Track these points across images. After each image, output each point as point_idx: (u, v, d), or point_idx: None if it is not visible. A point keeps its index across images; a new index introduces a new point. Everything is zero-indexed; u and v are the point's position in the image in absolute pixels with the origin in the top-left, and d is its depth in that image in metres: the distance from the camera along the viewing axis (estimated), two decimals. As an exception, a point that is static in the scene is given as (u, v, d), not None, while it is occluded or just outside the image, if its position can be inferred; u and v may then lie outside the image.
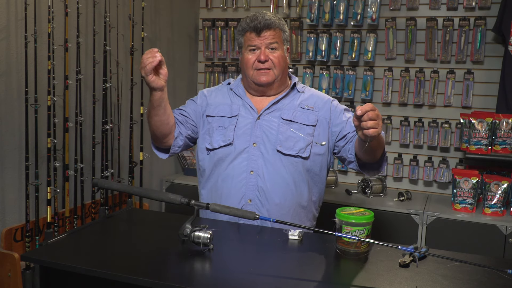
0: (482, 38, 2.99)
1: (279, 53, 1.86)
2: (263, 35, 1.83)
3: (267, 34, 1.83)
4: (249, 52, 1.86)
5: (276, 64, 1.85)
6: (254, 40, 1.84)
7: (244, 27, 1.87)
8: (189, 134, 1.95)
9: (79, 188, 2.51)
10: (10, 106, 2.25)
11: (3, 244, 2.21)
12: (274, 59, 1.84)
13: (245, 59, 1.87)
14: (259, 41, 1.84)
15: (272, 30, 1.84)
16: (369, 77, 3.21)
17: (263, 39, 1.83)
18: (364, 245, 1.45)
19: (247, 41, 1.86)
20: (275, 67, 1.85)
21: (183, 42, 3.53)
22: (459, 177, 2.78)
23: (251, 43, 1.85)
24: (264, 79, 1.85)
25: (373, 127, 1.50)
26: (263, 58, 1.83)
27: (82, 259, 1.39)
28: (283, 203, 1.82)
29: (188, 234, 1.39)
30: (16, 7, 2.23)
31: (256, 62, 1.84)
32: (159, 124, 1.85)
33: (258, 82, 1.86)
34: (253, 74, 1.86)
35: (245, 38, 1.87)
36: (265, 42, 1.83)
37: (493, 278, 1.29)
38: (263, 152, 1.82)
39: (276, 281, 1.26)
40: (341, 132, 1.88)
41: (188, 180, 3.30)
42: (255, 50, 1.85)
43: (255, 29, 1.83)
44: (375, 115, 1.50)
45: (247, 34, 1.86)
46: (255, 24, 1.83)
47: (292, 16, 3.40)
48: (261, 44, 1.84)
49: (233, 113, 1.89)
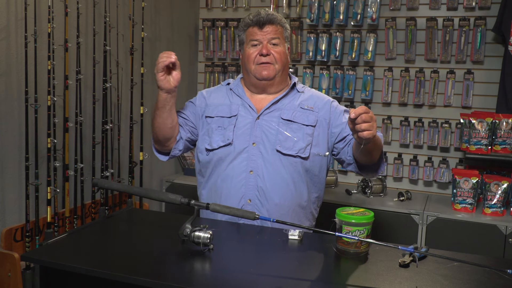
0: (482, 38, 2.99)
1: (281, 49, 1.87)
2: (265, 30, 1.85)
3: (269, 29, 1.86)
4: (251, 47, 1.87)
5: (278, 59, 1.86)
6: (256, 35, 1.86)
7: (247, 22, 1.89)
8: (188, 137, 1.95)
9: (79, 188, 2.51)
10: (10, 106, 2.25)
11: (3, 244, 2.21)
12: (276, 54, 1.85)
13: (246, 53, 1.88)
14: (261, 35, 1.85)
15: (275, 25, 1.87)
16: (369, 77, 3.22)
17: (265, 33, 1.85)
18: (364, 245, 1.44)
19: (249, 36, 1.88)
20: (276, 62, 1.86)
21: (183, 42, 3.53)
22: (459, 177, 2.78)
23: (254, 37, 1.86)
24: (266, 73, 1.86)
25: (368, 129, 1.51)
26: (265, 51, 1.84)
27: (82, 259, 1.39)
28: (283, 203, 1.82)
29: (188, 234, 1.39)
30: (16, 7, 2.23)
31: (258, 56, 1.85)
32: (162, 127, 1.86)
33: (259, 77, 1.87)
34: (254, 68, 1.87)
35: (247, 33, 1.89)
36: (267, 37, 1.85)
37: (493, 278, 1.29)
38: (263, 152, 1.82)
39: (276, 281, 1.26)
40: (341, 134, 1.88)
41: (188, 180, 3.30)
42: (257, 45, 1.86)
43: (257, 23, 1.86)
44: (369, 117, 1.51)
45: (250, 29, 1.88)
46: (258, 18, 1.86)
47: (292, 16, 3.40)
48: (263, 38, 1.85)
49: (232, 113, 1.89)
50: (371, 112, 1.53)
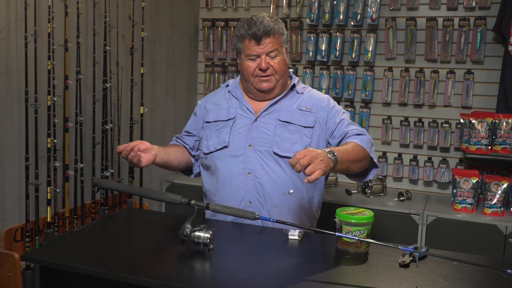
0: (482, 38, 2.99)
1: (280, 58, 1.83)
2: (262, 43, 1.79)
3: (266, 41, 1.79)
4: (249, 60, 1.83)
5: (278, 70, 1.83)
6: (254, 50, 1.80)
7: (242, 34, 1.82)
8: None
9: (79, 188, 2.51)
10: (10, 106, 2.25)
11: (3, 244, 2.21)
12: (275, 65, 1.82)
13: (245, 66, 1.85)
14: (259, 50, 1.80)
15: (272, 36, 1.80)
16: (369, 77, 3.22)
17: (263, 47, 1.80)
18: (364, 245, 1.45)
19: (247, 50, 1.82)
20: (276, 73, 1.84)
21: (183, 42, 3.53)
22: (459, 177, 2.78)
23: (251, 53, 1.81)
24: (266, 86, 1.84)
25: (313, 171, 1.46)
26: (264, 66, 1.80)
27: (82, 259, 1.39)
28: (283, 205, 1.81)
29: (188, 234, 1.39)
30: (16, 7, 2.23)
31: (257, 70, 1.82)
32: (176, 168, 1.96)
33: (260, 89, 1.86)
34: (254, 81, 1.85)
35: (243, 46, 1.84)
36: (265, 50, 1.80)
37: (493, 278, 1.29)
38: (260, 154, 1.81)
39: (275, 281, 1.26)
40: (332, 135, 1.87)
41: (188, 180, 3.27)
42: (255, 59, 1.82)
43: (254, 37, 1.79)
44: (307, 160, 1.46)
45: (246, 42, 1.82)
46: (254, 31, 1.78)
47: (292, 16, 3.40)
48: (262, 52, 1.80)
49: (230, 116, 1.89)
50: (308, 151, 1.48)
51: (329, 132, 1.88)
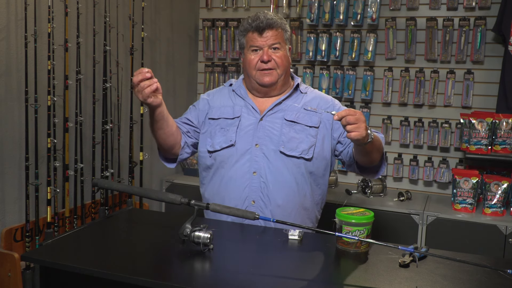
0: (482, 38, 2.99)
1: (282, 53, 1.85)
2: (265, 35, 1.82)
3: (269, 34, 1.82)
4: (251, 52, 1.85)
5: (279, 64, 1.84)
6: (256, 41, 1.83)
7: (246, 27, 1.86)
8: (194, 143, 1.96)
9: (79, 188, 2.51)
10: (10, 106, 2.25)
11: (3, 244, 2.21)
12: (277, 59, 1.83)
13: (247, 59, 1.86)
14: (261, 41, 1.82)
15: (275, 29, 1.83)
16: (369, 77, 3.21)
17: (265, 39, 1.82)
18: (364, 245, 1.45)
19: (249, 42, 1.85)
20: (278, 67, 1.84)
21: (183, 42, 3.53)
22: (459, 177, 2.78)
23: (254, 44, 1.83)
24: (268, 80, 1.85)
25: (354, 131, 1.52)
26: (266, 58, 1.81)
27: (82, 259, 1.39)
28: (286, 204, 1.81)
29: (188, 234, 1.39)
30: (16, 7, 2.23)
31: (259, 63, 1.83)
32: (165, 136, 1.85)
33: (261, 83, 1.86)
34: (256, 74, 1.85)
35: (247, 39, 1.86)
36: (268, 43, 1.82)
37: (493, 278, 1.29)
38: (266, 153, 1.81)
39: (275, 281, 1.26)
40: (341, 136, 1.88)
41: (188, 180, 3.30)
42: (258, 50, 1.84)
43: (257, 29, 1.82)
44: (354, 119, 1.52)
45: (249, 34, 1.85)
46: (257, 23, 1.82)
47: (292, 16, 3.40)
48: (264, 44, 1.82)
49: (235, 114, 1.89)
50: (358, 113, 1.53)
51: (336, 134, 1.88)
